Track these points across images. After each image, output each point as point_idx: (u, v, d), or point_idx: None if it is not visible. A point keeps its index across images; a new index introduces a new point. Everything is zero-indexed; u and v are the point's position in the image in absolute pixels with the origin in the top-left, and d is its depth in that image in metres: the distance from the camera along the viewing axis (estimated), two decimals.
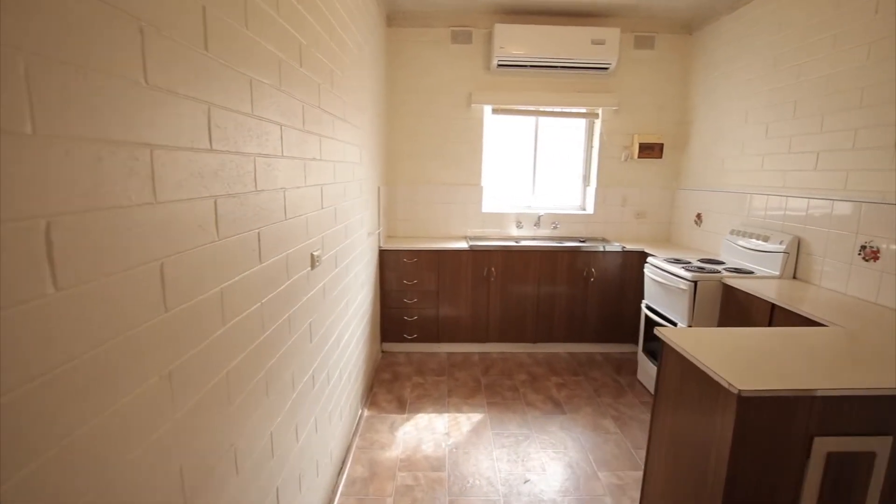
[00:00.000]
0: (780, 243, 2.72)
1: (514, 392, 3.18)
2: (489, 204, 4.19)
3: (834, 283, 2.45)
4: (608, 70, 3.75)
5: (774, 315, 2.28)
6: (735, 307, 2.57)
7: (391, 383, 3.28)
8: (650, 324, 3.20)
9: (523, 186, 4.23)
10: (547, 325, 3.78)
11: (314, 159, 1.77)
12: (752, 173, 3.10)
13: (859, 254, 2.31)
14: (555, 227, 4.08)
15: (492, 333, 3.77)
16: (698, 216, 3.70)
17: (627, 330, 3.83)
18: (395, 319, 3.70)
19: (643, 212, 4.11)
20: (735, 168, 3.28)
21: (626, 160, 4.01)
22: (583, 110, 3.94)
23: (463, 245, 3.68)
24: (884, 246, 2.19)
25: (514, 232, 4.09)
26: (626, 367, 3.60)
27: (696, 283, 2.68)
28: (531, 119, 4.09)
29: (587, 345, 3.86)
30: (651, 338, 3.21)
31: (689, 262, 3.03)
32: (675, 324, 2.85)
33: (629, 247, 3.70)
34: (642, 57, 3.87)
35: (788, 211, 2.77)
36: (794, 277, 2.70)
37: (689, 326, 2.74)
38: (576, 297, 3.75)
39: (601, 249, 3.66)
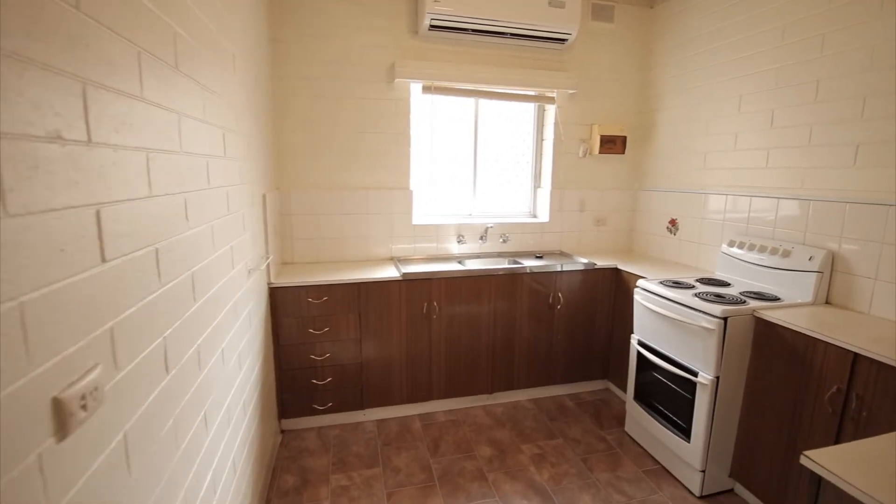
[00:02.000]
0: (811, 260, 2.14)
1: (482, 482, 2.24)
2: (421, 213, 3.21)
3: (893, 312, 1.89)
4: (566, 43, 2.99)
5: (857, 369, 1.63)
6: (776, 351, 1.91)
7: (297, 494, 2.15)
8: (645, 365, 2.48)
9: (463, 189, 3.32)
10: (506, 369, 2.92)
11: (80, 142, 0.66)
12: (751, 171, 2.52)
13: None
14: (504, 241, 3.23)
15: (436, 388, 2.80)
16: (673, 222, 3.11)
17: (597, 363, 3.12)
18: (299, 385, 2.56)
19: (604, 218, 3.44)
20: (724, 165, 2.69)
21: (584, 156, 3.30)
22: (533, 92, 3.13)
23: (391, 272, 2.66)
24: None
25: (455, 249, 3.16)
26: (605, 413, 2.87)
27: (726, 319, 1.98)
28: (470, 103, 3.19)
29: (553, 387, 3.08)
30: (647, 382, 2.49)
31: (692, 286, 2.36)
32: (691, 372, 2.14)
33: (601, 263, 2.97)
34: (601, 31, 3.18)
35: (812, 218, 2.21)
36: (827, 303, 2.13)
37: (717, 378, 2.04)
38: (540, 330, 2.94)
39: (569, 268, 2.89)
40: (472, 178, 3.29)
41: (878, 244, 1.94)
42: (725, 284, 2.40)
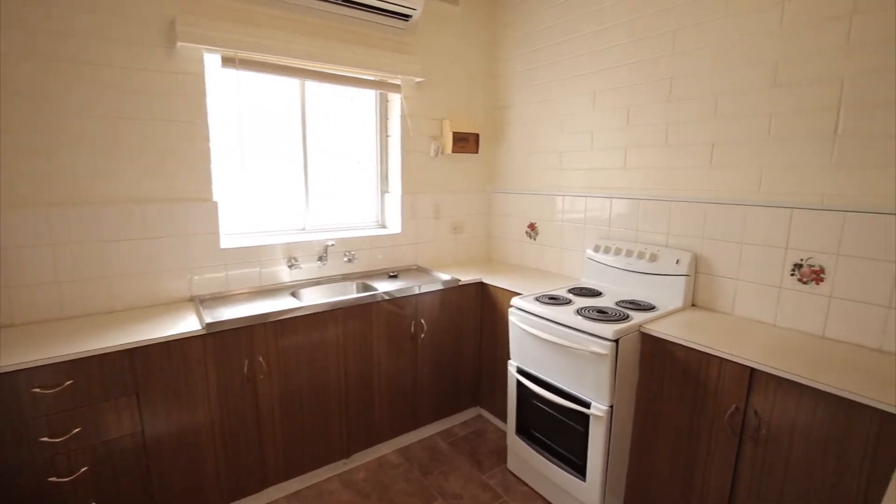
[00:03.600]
0: (678, 263, 2.06)
1: None
2: (234, 232, 2.38)
3: (756, 312, 1.88)
4: (409, 21, 2.51)
5: (754, 385, 1.51)
6: (668, 370, 1.74)
7: None
8: (527, 395, 2.16)
9: (293, 198, 2.59)
10: (364, 421, 2.32)
11: None
12: (610, 172, 2.41)
13: (792, 274, 1.77)
14: (350, 260, 2.61)
15: (272, 469, 2.06)
16: (532, 227, 2.90)
17: (467, 390, 2.76)
18: None
19: (461, 224, 3.09)
20: (582, 165, 2.55)
21: (436, 155, 2.88)
22: (373, 77, 2.58)
23: (189, 323, 1.83)
24: (830, 264, 1.68)
25: (287, 275, 2.43)
26: (483, 449, 2.50)
27: (617, 341, 1.74)
28: (295, 87, 2.48)
29: (422, 429, 2.60)
30: (530, 414, 2.18)
31: (569, 300, 2.11)
32: (583, 403, 1.86)
33: (465, 278, 2.59)
34: (447, 13, 2.79)
35: (674, 219, 2.14)
36: (693, 305, 2.09)
37: (611, 407, 1.79)
38: (402, 365, 2.42)
39: (430, 288, 2.43)
40: (304, 184, 2.59)
41: (737, 244, 1.93)
42: (598, 294, 2.23)
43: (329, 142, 2.66)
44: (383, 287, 2.36)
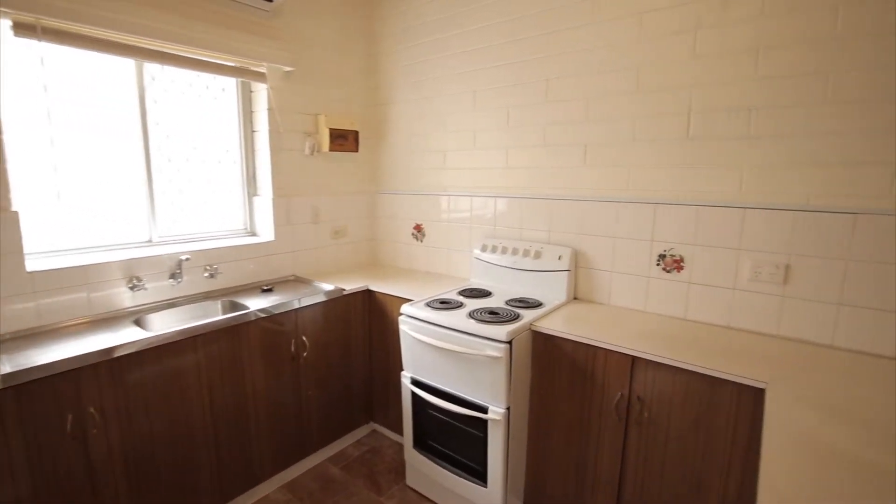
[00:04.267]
0: (560, 259, 2.13)
1: None
2: (47, 250, 1.88)
3: (630, 301, 2.02)
4: (274, 2, 2.23)
5: (635, 372, 1.59)
6: (558, 365, 1.78)
7: None
8: (424, 406, 2.06)
9: (133, 205, 2.13)
10: (241, 461, 2.01)
11: None
12: (493, 171, 2.41)
13: (658, 264, 1.93)
14: (211, 275, 2.24)
15: None
16: (418, 228, 2.81)
17: (358, 406, 2.57)
18: None
19: (342, 228, 2.87)
20: (465, 165, 2.52)
21: (312, 154, 2.62)
22: (233, 63, 2.24)
23: None
24: (688, 254, 1.86)
25: (129, 299, 1.99)
26: (380, 467, 2.34)
27: (511, 342, 1.71)
28: (131, 68, 2.04)
29: (312, 457, 2.34)
30: (427, 426, 2.08)
31: (461, 303, 2.06)
32: (480, 408, 1.81)
33: (349, 286, 2.39)
34: None
35: (554, 217, 2.21)
36: (575, 299, 2.18)
37: (508, 409, 1.77)
38: (284, 390, 2.15)
39: (312, 301, 2.19)
40: (147, 189, 2.15)
41: (611, 239, 2.05)
42: (488, 294, 2.21)
43: (179, 137, 2.25)
44: (256, 304, 2.06)
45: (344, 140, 2.67)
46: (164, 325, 1.94)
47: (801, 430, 1.09)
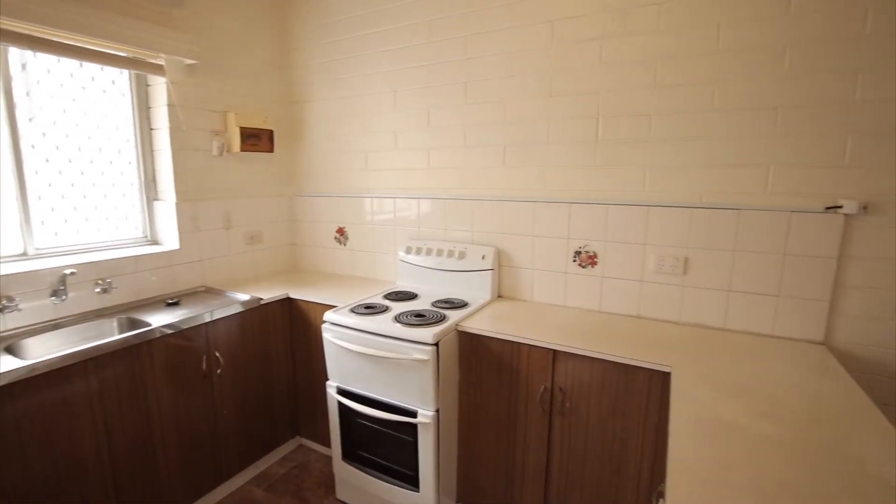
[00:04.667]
0: (484, 259, 2.16)
1: None
2: None
3: (550, 297, 2.11)
4: None
5: (557, 365, 1.65)
6: (485, 363, 1.80)
7: None
8: (351, 416, 1.99)
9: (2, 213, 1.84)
10: (147, 498, 1.80)
11: None
12: (416, 172, 2.40)
13: (574, 260, 2.03)
14: (104, 290, 1.99)
15: None
16: (341, 231, 2.72)
17: (282, 422, 2.44)
18: None
19: (258, 233, 2.70)
20: (388, 166, 2.48)
21: (221, 154, 2.43)
22: (125, 54, 2.02)
23: None
24: (600, 249, 1.97)
25: None
26: (308, 483, 2.23)
27: (437, 344, 1.71)
28: None
29: (232, 481, 2.17)
30: (356, 436, 2.01)
31: (386, 307, 2.02)
32: (409, 413, 1.79)
33: (267, 295, 2.25)
34: None
35: (476, 217, 2.25)
36: (499, 297, 2.23)
37: (437, 412, 1.76)
38: (195, 412, 1.97)
39: (225, 312, 2.04)
40: (17, 193, 1.86)
41: (530, 237, 2.12)
42: (414, 296, 2.19)
43: (59, 135, 1.98)
44: (159, 319, 1.87)
45: (257, 140, 2.52)
46: (44, 350, 1.69)
47: (702, 407, 1.19)
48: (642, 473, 1.56)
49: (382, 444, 1.93)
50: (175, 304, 2.10)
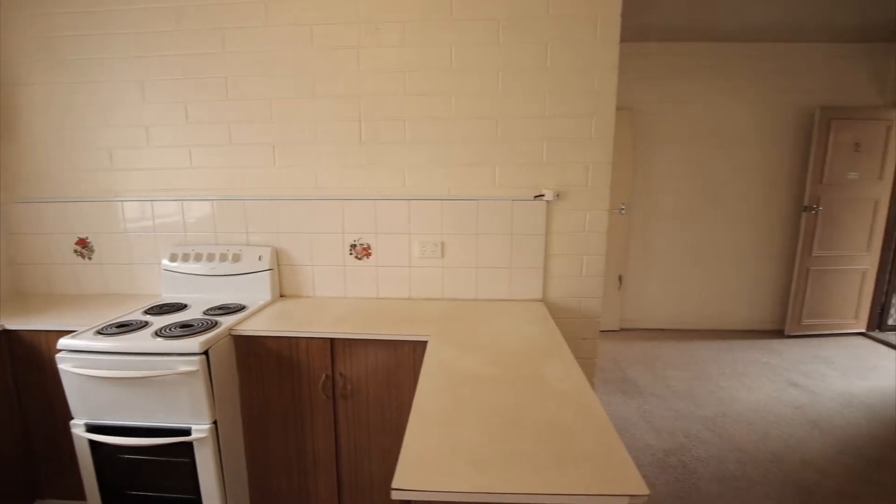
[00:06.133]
0: (260, 259, 2.12)
1: None
2: None
3: (332, 291, 2.20)
4: None
5: (335, 352, 1.75)
6: (265, 363, 1.79)
7: None
8: (107, 453, 1.72)
9: None
10: None
11: None
12: (176, 172, 2.18)
13: (351, 253, 2.16)
14: None
15: None
16: (83, 243, 2.28)
17: (12, 485, 1.96)
18: None
19: None
20: (140, 165, 2.19)
21: None
22: None
23: None
24: (373, 241, 2.14)
25: None
26: None
27: (207, 352, 1.62)
28: None
29: None
30: (116, 474, 1.75)
31: (146, 323, 1.81)
32: (181, 432, 1.65)
33: None
34: None
35: (250, 218, 2.18)
36: (282, 296, 2.21)
37: (215, 423, 1.67)
38: None
39: None
40: None
41: (308, 235, 2.16)
42: (183, 307, 2.01)
43: None
44: None
45: None
46: None
47: (445, 363, 1.44)
48: None
49: (154, 476, 1.73)
50: None
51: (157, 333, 1.68)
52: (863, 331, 4.26)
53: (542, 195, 2.06)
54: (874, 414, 2.87)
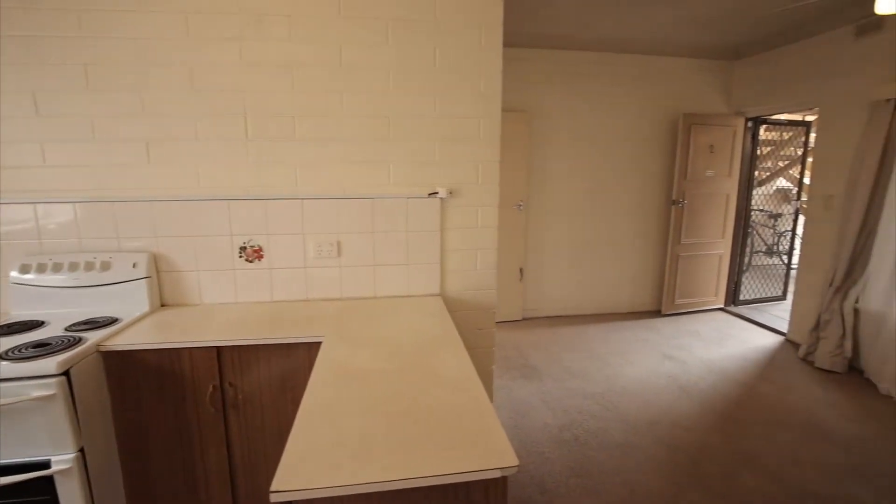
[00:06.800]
0: (135, 267, 1.93)
1: None
2: None
3: (220, 296, 2.07)
4: None
5: (223, 360, 1.66)
6: (141, 379, 1.64)
7: None
8: None
9: None
10: None
11: None
12: (27, 171, 1.90)
13: (241, 256, 2.05)
14: None
15: None
16: None
17: None
18: None
19: None
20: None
21: None
22: None
23: None
24: (265, 243, 2.05)
25: None
26: None
27: (67, 372, 1.44)
28: None
29: None
30: None
31: None
32: (38, 466, 1.45)
33: None
34: None
35: (121, 221, 1.97)
36: (163, 306, 2.04)
37: (82, 450, 1.50)
38: None
39: None
40: None
41: (191, 238, 2.02)
42: (39, 325, 1.77)
43: None
44: None
45: None
46: None
47: (338, 361, 1.43)
48: None
49: None
50: None
51: (4, 356, 1.47)
52: (721, 306, 4.95)
53: (437, 193, 2.12)
54: (727, 376, 3.36)
